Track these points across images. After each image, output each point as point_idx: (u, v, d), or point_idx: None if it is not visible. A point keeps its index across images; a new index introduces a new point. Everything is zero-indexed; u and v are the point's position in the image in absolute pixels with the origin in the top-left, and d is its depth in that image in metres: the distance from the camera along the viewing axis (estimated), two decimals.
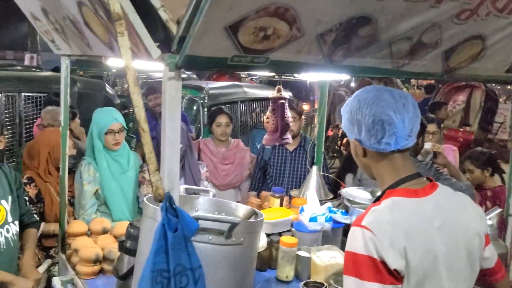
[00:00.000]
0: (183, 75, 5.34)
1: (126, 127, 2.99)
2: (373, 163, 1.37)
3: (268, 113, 2.32)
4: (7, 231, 2.29)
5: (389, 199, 1.28)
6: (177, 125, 1.27)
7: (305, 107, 7.75)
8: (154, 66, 1.72)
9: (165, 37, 1.25)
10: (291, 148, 3.63)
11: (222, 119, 3.80)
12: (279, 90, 2.21)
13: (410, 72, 1.64)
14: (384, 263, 1.17)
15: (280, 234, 2.46)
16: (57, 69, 10.17)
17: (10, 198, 2.34)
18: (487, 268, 1.44)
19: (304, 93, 9.08)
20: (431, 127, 3.85)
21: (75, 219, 2.85)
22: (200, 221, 1.37)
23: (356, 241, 1.21)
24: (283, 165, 3.65)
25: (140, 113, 1.20)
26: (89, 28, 1.56)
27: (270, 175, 3.72)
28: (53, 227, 2.77)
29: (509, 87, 11.02)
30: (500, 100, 10.07)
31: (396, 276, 1.19)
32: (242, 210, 1.76)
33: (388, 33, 1.43)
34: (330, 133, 7.76)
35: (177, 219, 1.27)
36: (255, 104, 5.91)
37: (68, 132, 2.46)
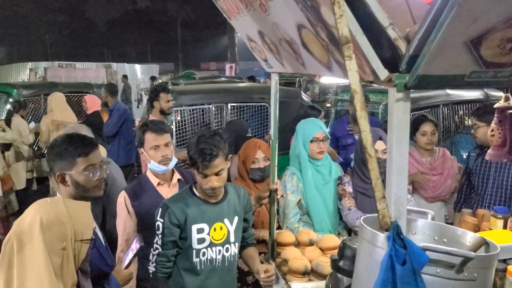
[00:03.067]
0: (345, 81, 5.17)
1: (329, 137, 3.01)
2: None
3: (493, 125, 2.04)
4: (227, 250, 2.34)
5: None
6: (405, 149, 1.18)
7: None
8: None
9: (391, 57, 1.17)
10: (490, 159, 3.16)
11: (427, 127, 3.55)
12: (507, 99, 1.92)
13: None
14: None
15: (505, 261, 2.15)
16: (252, 78, 10.92)
17: (236, 219, 2.36)
18: None
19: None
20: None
21: (279, 227, 2.97)
22: (427, 252, 1.26)
23: None
24: (486, 172, 3.20)
25: (366, 138, 1.15)
26: (306, 49, 1.57)
27: (473, 185, 3.33)
28: (262, 233, 2.92)
29: None
30: None
31: None
32: (469, 237, 1.57)
33: None
34: None
35: (405, 251, 1.18)
36: (459, 107, 5.40)
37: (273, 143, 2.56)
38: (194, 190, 2.35)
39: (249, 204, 2.48)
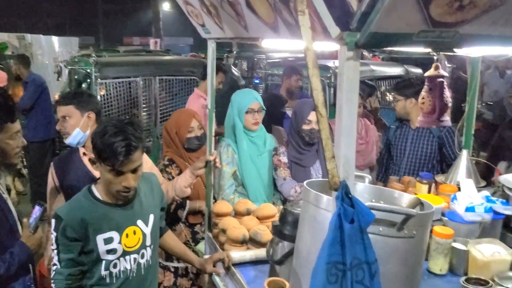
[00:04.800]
0: (302, 55, 5.27)
1: (264, 108, 3.00)
2: None
3: (423, 93, 2.13)
4: (142, 256, 2.01)
5: None
6: (354, 109, 1.18)
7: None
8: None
9: (342, 14, 1.16)
10: (414, 126, 3.38)
11: None
12: (436, 68, 2.01)
13: None
14: None
15: None
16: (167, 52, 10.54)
17: (152, 218, 2.05)
18: None
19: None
20: None
21: (214, 199, 2.94)
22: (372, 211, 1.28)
23: None
24: (404, 144, 3.43)
25: (318, 96, 1.13)
26: (251, 9, 1.52)
27: (392, 155, 3.54)
28: (199, 204, 2.88)
29: None
30: None
31: None
32: (405, 198, 1.64)
33: None
34: None
35: (353, 209, 1.19)
36: (382, 82, 5.62)
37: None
38: (95, 191, 1.95)
39: (161, 190, 2.23)
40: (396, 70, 5.85)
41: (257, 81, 8.09)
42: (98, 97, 4.99)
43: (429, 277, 2.12)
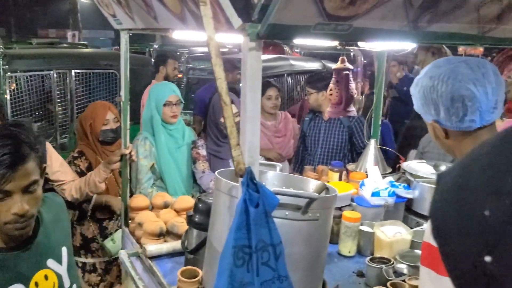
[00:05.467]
0: (224, 49, 5.35)
1: (182, 101, 3.00)
2: (457, 144, 1.25)
3: (331, 85, 2.24)
4: None
5: None
6: (258, 97, 1.23)
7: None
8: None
9: (244, 6, 1.20)
10: (326, 117, 3.56)
11: (272, 92, 3.76)
12: (343, 61, 2.12)
13: (496, 38, 1.53)
14: None
15: (340, 209, 2.42)
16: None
17: (64, 251, 1.57)
18: None
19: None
20: None
21: (131, 193, 2.90)
22: (277, 196, 1.34)
23: None
24: (317, 135, 3.60)
25: (222, 85, 1.17)
26: (158, 0, 1.52)
27: (306, 146, 3.69)
28: (105, 198, 2.83)
29: None
30: None
31: None
32: (312, 184, 1.72)
33: None
34: None
35: (258, 194, 1.24)
36: (301, 77, 5.81)
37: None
38: None
39: (67, 213, 1.77)
40: (314, 65, 6.07)
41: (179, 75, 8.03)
42: (8, 92, 4.70)
43: (339, 259, 2.25)
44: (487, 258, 0.54)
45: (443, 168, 2.40)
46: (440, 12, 1.31)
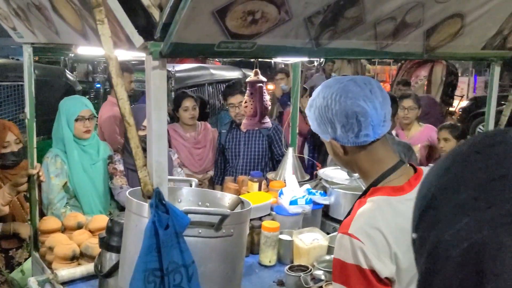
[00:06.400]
0: (143, 58, 5.21)
1: (96, 115, 2.88)
2: (355, 159, 1.30)
3: (246, 97, 2.26)
4: None
5: (374, 198, 1.23)
6: (163, 116, 1.21)
7: (270, 87, 7.71)
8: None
9: (146, 24, 1.18)
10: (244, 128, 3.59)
11: (188, 103, 3.72)
12: (256, 73, 2.15)
13: (393, 53, 1.63)
14: (374, 272, 1.14)
15: (260, 218, 2.44)
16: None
17: None
18: None
19: (269, 73, 9.02)
20: (407, 103, 3.88)
21: (42, 215, 2.73)
22: (189, 215, 1.32)
23: (345, 250, 1.17)
24: (237, 146, 3.62)
25: (124, 106, 1.13)
26: (58, 15, 1.45)
27: (227, 158, 3.69)
28: (13, 226, 2.63)
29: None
30: None
31: (386, 282, 1.16)
32: (227, 199, 1.72)
33: (374, 13, 1.41)
34: None
35: (167, 215, 1.22)
36: (222, 86, 5.82)
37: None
38: None
39: None
40: (234, 74, 6.11)
41: (98, 86, 7.73)
42: None
43: (260, 270, 2.27)
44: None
45: (356, 174, 2.51)
46: (339, 30, 1.37)
